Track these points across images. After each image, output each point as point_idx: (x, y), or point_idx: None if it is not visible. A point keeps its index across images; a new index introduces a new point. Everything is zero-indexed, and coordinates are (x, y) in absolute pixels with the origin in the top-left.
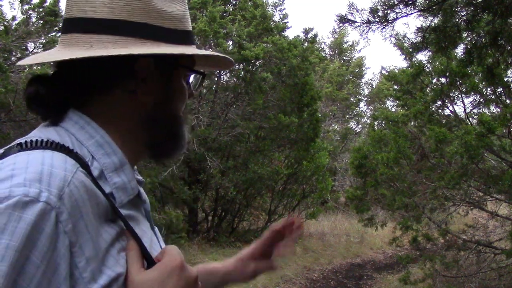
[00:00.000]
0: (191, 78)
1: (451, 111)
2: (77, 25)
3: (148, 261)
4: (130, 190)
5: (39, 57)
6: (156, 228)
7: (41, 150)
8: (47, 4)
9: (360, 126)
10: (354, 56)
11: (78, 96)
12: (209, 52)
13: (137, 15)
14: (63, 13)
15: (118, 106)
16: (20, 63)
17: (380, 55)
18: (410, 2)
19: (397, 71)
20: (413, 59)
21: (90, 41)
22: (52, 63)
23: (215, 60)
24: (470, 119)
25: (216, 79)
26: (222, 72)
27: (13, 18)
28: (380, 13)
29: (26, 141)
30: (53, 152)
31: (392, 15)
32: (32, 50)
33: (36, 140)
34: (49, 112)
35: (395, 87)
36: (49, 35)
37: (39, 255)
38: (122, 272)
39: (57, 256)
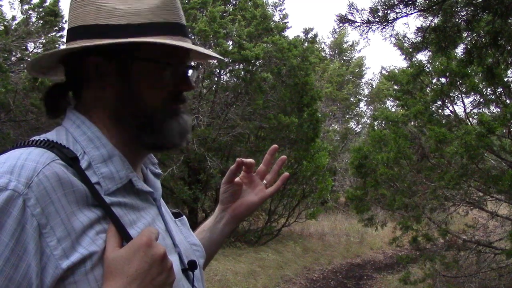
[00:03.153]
0: (190, 71)
1: (451, 111)
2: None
3: (128, 241)
4: (118, 179)
5: None
6: (183, 217)
7: (26, 148)
8: (47, 4)
9: (360, 126)
10: (354, 56)
11: (74, 98)
12: (149, 39)
13: (90, 19)
14: (63, 13)
15: (95, 103)
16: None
17: (380, 55)
18: (410, 2)
19: (397, 71)
20: (413, 59)
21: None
22: None
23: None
24: (470, 119)
25: (216, 79)
26: (222, 72)
27: (13, 18)
28: (380, 13)
29: (22, 141)
30: (34, 148)
31: (392, 15)
32: (32, 50)
33: (29, 140)
34: (51, 115)
35: (395, 87)
36: (49, 35)
37: (7, 234)
38: (96, 251)
39: (26, 236)
